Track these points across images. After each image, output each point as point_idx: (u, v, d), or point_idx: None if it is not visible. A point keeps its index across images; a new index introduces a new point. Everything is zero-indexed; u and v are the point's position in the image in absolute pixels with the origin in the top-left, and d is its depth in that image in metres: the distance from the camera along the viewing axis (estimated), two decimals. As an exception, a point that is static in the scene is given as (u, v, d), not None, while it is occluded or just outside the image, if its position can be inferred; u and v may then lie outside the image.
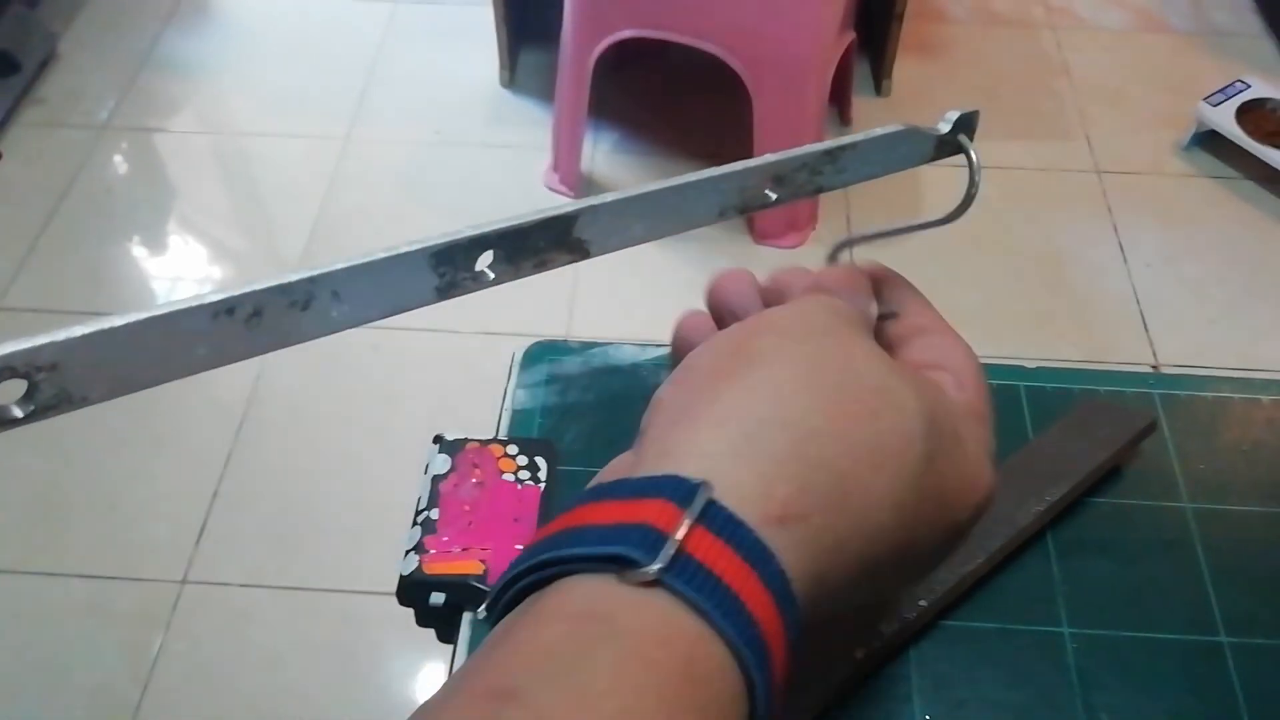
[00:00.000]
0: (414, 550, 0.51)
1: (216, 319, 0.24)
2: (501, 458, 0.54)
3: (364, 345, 1.48)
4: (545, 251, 0.29)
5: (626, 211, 0.30)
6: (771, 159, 0.32)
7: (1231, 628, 0.47)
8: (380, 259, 0.26)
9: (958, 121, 0.35)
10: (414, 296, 0.27)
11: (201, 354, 0.25)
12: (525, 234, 0.28)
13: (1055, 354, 1.48)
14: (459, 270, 0.27)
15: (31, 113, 1.83)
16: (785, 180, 0.33)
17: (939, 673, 0.45)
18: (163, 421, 1.42)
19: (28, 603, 1.25)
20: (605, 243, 0.30)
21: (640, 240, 0.30)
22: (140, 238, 1.66)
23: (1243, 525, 0.51)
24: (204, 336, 0.24)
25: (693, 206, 0.31)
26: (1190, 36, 2.01)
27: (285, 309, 0.25)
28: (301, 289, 0.25)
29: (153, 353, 0.24)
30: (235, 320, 0.25)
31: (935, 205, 1.68)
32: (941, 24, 2.03)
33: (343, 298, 0.26)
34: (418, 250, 0.26)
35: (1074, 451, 0.51)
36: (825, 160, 0.33)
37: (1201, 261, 1.61)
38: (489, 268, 0.28)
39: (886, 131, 0.33)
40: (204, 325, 0.24)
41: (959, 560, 0.47)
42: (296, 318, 0.25)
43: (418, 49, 1.96)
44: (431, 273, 0.27)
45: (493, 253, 0.28)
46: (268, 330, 0.25)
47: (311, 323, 0.25)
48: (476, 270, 0.28)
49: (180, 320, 0.24)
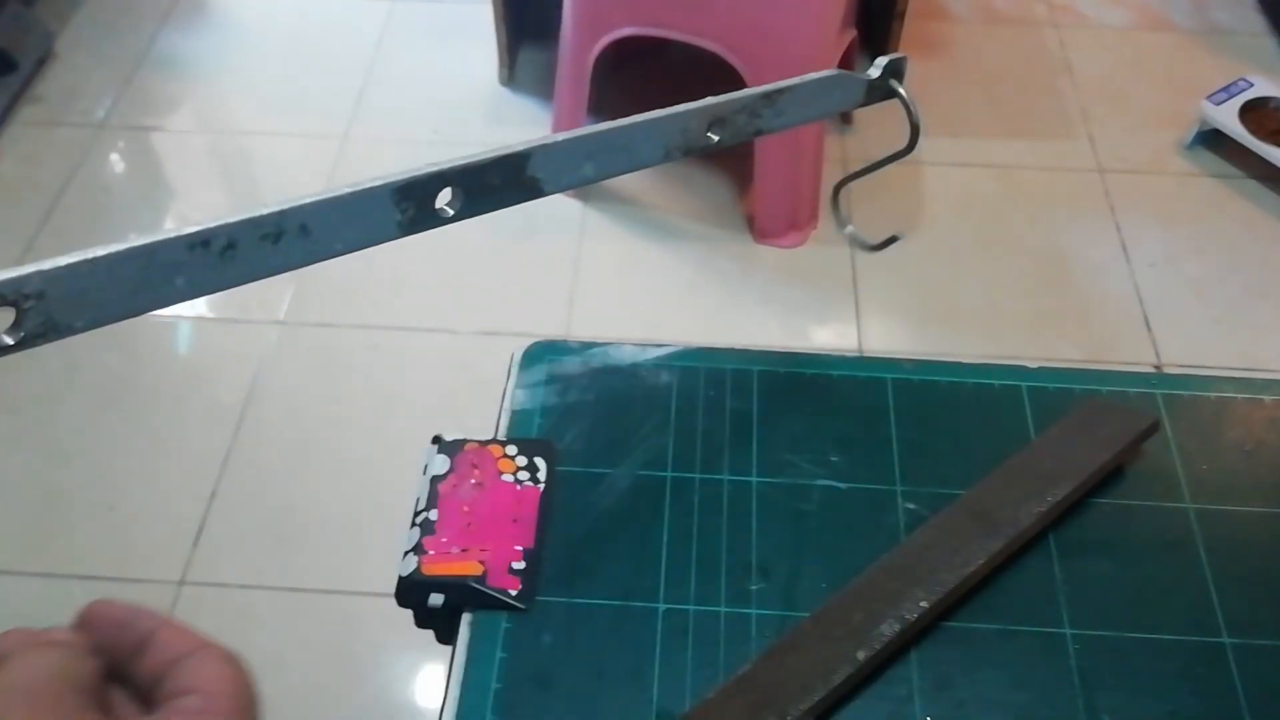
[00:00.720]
0: (413, 551, 0.51)
1: (193, 250, 0.26)
2: (501, 458, 0.54)
3: (364, 345, 1.48)
4: (501, 190, 0.30)
5: (577, 150, 0.31)
6: (712, 101, 0.34)
7: (1233, 629, 0.46)
8: (345, 194, 0.27)
9: (886, 67, 0.37)
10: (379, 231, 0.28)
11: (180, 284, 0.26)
12: (482, 171, 0.30)
13: (1057, 354, 1.48)
14: (420, 206, 0.28)
15: (29, 111, 1.83)
16: (726, 122, 0.35)
17: (941, 673, 0.45)
18: (162, 421, 1.41)
19: (28, 603, 1.24)
20: (558, 180, 0.31)
21: (591, 180, 0.31)
22: (138, 235, 1.66)
23: (1245, 526, 0.50)
24: (181, 267, 0.26)
25: (639, 146, 0.32)
26: (1193, 35, 2.00)
27: (257, 241, 0.26)
28: (271, 222, 0.26)
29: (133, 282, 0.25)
30: (210, 252, 0.26)
31: (935, 206, 1.68)
32: (943, 22, 2.03)
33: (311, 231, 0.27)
34: (381, 185, 0.27)
35: (1076, 452, 0.51)
36: (763, 103, 0.35)
37: (1204, 261, 1.61)
38: (448, 204, 0.29)
39: (819, 76, 0.35)
40: (181, 256, 0.26)
41: (960, 561, 0.47)
42: (268, 250, 0.26)
43: (416, 48, 1.96)
44: (394, 208, 0.28)
45: (451, 190, 0.29)
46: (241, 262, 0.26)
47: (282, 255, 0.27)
48: (437, 207, 0.29)
49: (158, 251, 0.25)
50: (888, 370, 0.58)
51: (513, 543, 0.51)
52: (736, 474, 0.53)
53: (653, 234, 1.63)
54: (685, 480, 0.53)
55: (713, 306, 1.54)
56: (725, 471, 0.53)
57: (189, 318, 1.53)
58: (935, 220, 1.66)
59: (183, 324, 1.53)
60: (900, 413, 0.55)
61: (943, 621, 0.46)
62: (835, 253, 1.61)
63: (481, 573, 0.49)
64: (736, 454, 0.54)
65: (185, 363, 1.50)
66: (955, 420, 0.55)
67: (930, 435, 0.54)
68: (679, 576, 0.50)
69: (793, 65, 1.47)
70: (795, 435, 0.55)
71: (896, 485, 0.52)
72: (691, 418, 0.56)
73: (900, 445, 0.54)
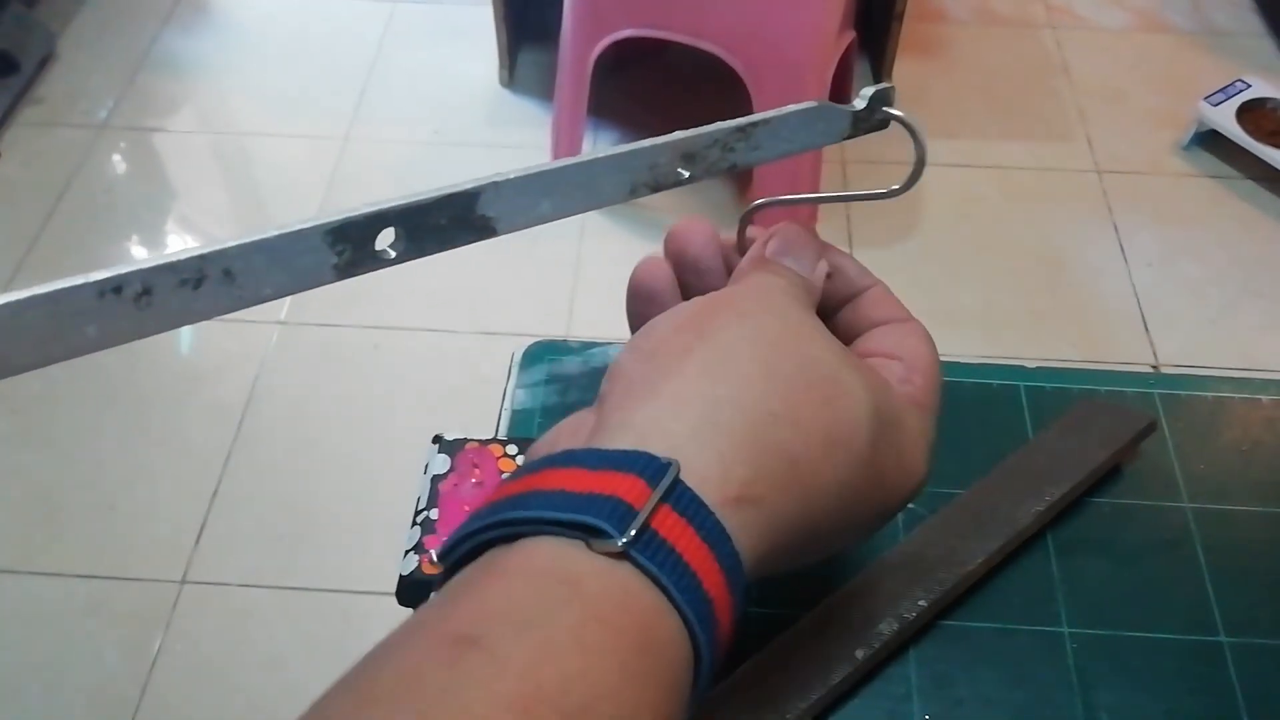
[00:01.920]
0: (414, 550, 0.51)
1: (103, 298, 0.24)
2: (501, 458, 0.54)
3: (364, 345, 1.48)
4: (449, 230, 0.29)
5: (531, 188, 0.29)
6: (681, 135, 0.32)
7: (1231, 628, 0.47)
8: (273, 236, 0.25)
9: (873, 98, 0.35)
10: (311, 275, 0.26)
11: (91, 334, 0.24)
12: (425, 211, 0.28)
13: (1055, 353, 1.48)
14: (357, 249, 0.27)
15: (30, 112, 1.83)
16: (697, 158, 0.32)
17: (939, 672, 0.45)
18: (163, 421, 1.42)
19: (28, 603, 1.24)
20: (512, 220, 0.29)
21: (549, 218, 0.30)
22: (139, 237, 1.66)
23: (1243, 525, 0.51)
24: (92, 316, 0.24)
25: (601, 184, 0.31)
26: (1190, 36, 2.01)
27: (175, 287, 0.24)
28: (191, 266, 0.24)
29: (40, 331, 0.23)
30: (123, 299, 0.24)
31: (935, 208, 1.68)
32: (941, 24, 2.03)
33: (235, 276, 0.25)
34: (312, 228, 0.26)
35: (1074, 451, 0.51)
36: (738, 137, 0.32)
37: (1202, 261, 1.61)
38: (390, 246, 0.28)
39: (800, 108, 0.33)
40: (90, 304, 0.23)
41: (959, 560, 0.47)
42: (188, 296, 0.25)
43: (417, 49, 1.96)
44: (329, 250, 0.26)
45: (394, 230, 0.28)
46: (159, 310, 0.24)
47: (205, 302, 0.25)
48: (377, 249, 0.27)
49: (64, 299, 0.23)
50: (886, 370, 0.58)
51: (513, 542, 0.51)
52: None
53: (653, 234, 1.63)
54: (685, 480, 0.53)
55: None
56: (725, 471, 0.53)
57: (189, 318, 1.54)
58: (933, 221, 1.67)
59: (183, 324, 1.53)
60: (899, 413, 0.56)
61: (941, 620, 0.47)
62: (835, 253, 1.61)
63: (482, 572, 0.49)
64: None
65: (186, 363, 1.50)
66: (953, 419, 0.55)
67: (929, 435, 0.55)
68: (679, 575, 0.50)
69: (791, 67, 1.48)
70: (794, 435, 0.55)
71: (895, 485, 0.53)
72: (691, 418, 0.56)
73: (899, 445, 0.54)
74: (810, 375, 0.28)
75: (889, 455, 0.30)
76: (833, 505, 0.28)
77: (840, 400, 0.28)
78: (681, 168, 0.32)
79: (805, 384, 0.28)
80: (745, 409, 0.27)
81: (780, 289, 0.32)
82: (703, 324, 0.30)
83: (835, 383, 0.29)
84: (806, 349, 0.29)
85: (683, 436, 0.26)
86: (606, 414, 0.28)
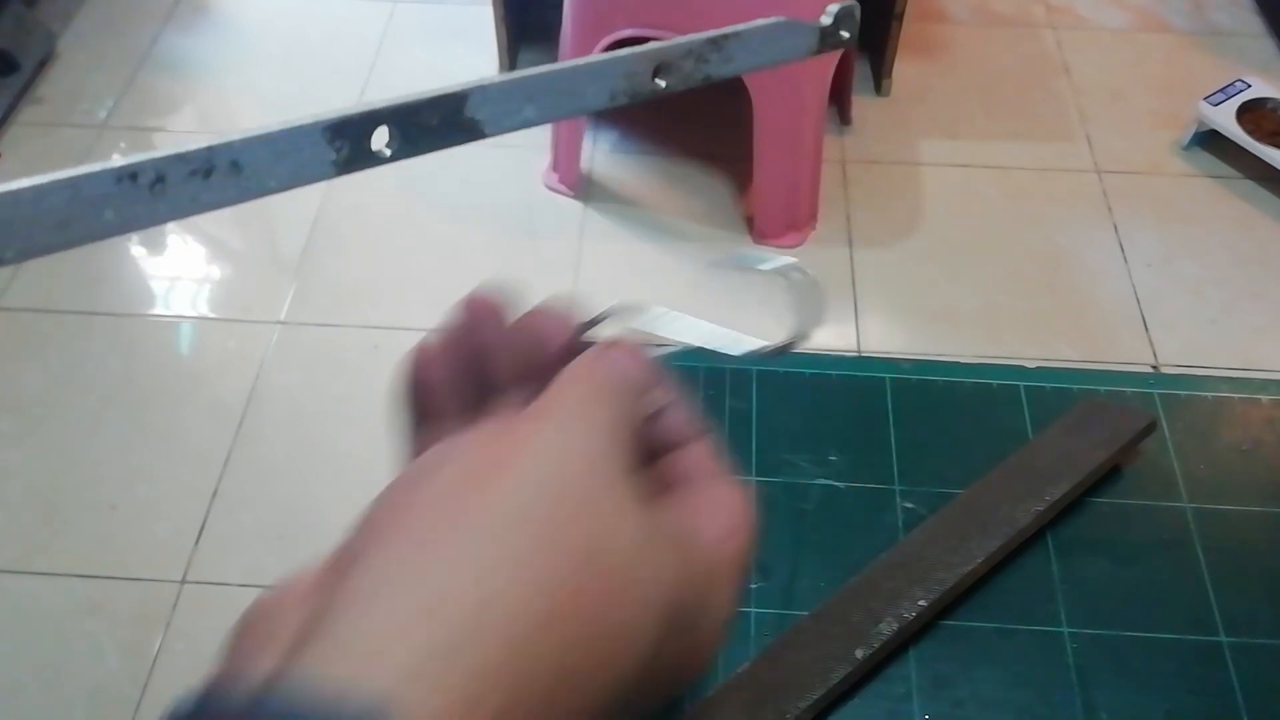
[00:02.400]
0: (413, 550, 0.51)
1: (120, 183, 0.26)
2: (501, 457, 0.54)
3: (364, 345, 1.48)
4: (439, 131, 0.30)
5: (516, 91, 0.31)
6: (656, 46, 0.34)
7: (1231, 628, 0.47)
8: (276, 130, 0.27)
9: (838, 14, 0.37)
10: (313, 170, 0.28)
11: (109, 218, 0.26)
12: (417, 110, 0.30)
13: (1055, 354, 1.48)
14: (355, 146, 0.28)
15: (30, 112, 1.83)
16: (672, 68, 0.34)
17: (938, 672, 0.45)
18: (163, 421, 1.42)
19: (28, 603, 1.25)
20: (499, 122, 0.31)
21: (534, 122, 0.31)
22: (139, 237, 1.66)
23: (1242, 525, 0.51)
24: (109, 200, 0.26)
25: (582, 89, 0.32)
26: (1190, 36, 2.01)
27: (186, 177, 0.26)
28: (201, 157, 0.26)
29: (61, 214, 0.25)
30: (139, 186, 0.26)
31: (934, 206, 1.68)
32: (941, 24, 2.03)
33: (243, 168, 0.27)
34: (311, 124, 0.27)
35: (1073, 451, 0.51)
36: (711, 48, 0.34)
37: (1202, 261, 1.61)
38: (385, 145, 0.29)
39: (769, 22, 0.35)
40: (108, 189, 0.25)
41: (959, 560, 0.47)
42: (199, 186, 0.26)
43: (417, 49, 1.96)
44: (328, 147, 0.28)
45: (388, 130, 0.29)
46: (172, 197, 0.26)
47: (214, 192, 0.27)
48: (373, 148, 0.29)
49: (84, 184, 0.25)
50: (886, 370, 0.58)
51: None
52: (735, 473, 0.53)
53: (652, 234, 1.63)
54: (685, 480, 0.53)
55: (712, 306, 1.54)
56: (725, 471, 0.53)
57: (191, 318, 1.54)
58: (933, 221, 1.67)
59: (184, 324, 1.53)
60: (899, 412, 0.56)
61: (941, 620, 0.47)
62: (834, 253, 1.61)
63: (482, 571, 0.49)
64: (735, 453, 0.54)
65: (187, 362, 1.50)
66: (953, 420, 0.55)
67: (928, 435, 0.55)
68: (679, 575, 0.50)
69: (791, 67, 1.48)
70: (794, 435, 0.55)
71: (895, 484, 0.53)
72: (691, 418, 0.56)
73: (899, 445, 0.54)
74: (601, 563, 0.24)
75: (679, 649, 0.26)
76: (600, 710, 0.24)
77: (630, 598, 0.24)
78: (659, 78, 0.34)
79: (592, 574, 0.24)
80: (513, 615, 0.22)
81: (597, 425, 0.27)
82: (485, 481, 0.25)
83: (628, 572, 0.24)
84: (605, 524, 0.25)
85: (421, 662, 0.21)
86: (334, 607, 0.23)
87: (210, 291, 1.58)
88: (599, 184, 1.72)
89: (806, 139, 1.56)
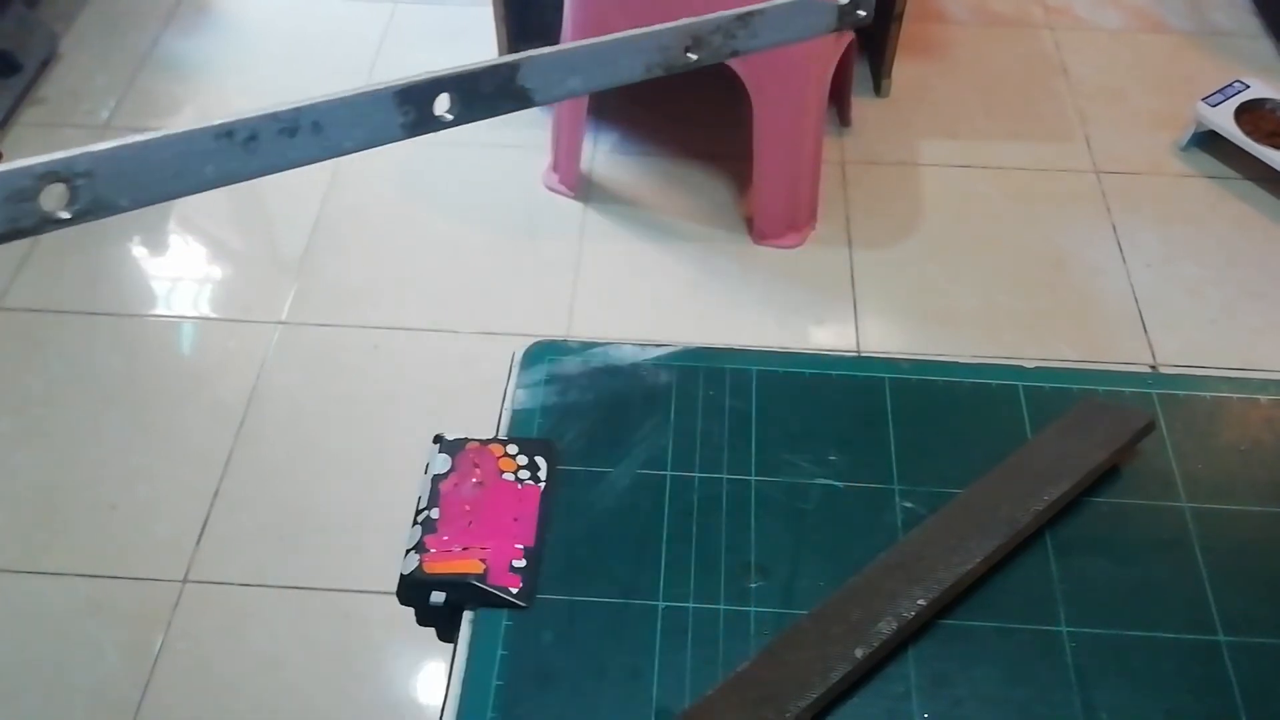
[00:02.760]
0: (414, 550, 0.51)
1: (219, 140, 0.28)
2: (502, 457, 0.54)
3: (364, 345, 1.48)
4: (494, 98, 0.33)
5: (562, 63, 0.33)
6: (688, 21, 0.36)
7: (1229, 627, 0.47)
8: (353, 94, 0.30)
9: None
10: (384, 132, 0.31)
11: (209, 172, 0.28)
12: (475, 78, 0.32)
13: (1054, 354, 1.48)
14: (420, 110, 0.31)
15: (32, 113, 1.83)
16: (703, 42, 0.37)
17: (938, 671, 0.45)
18: (165, 421, 1.42)
19: (28, 603, 1.25)
20: (547, 91, 0.33)
21: (578, 91, 0.34)
22: (140, 238, 1.66)
23: (1241, 525, 0.51)
24: (209, 156, 0.28)
25: (621, 62, 0.35)
26: (1189, 37, 2.01)
27: (276, 135, 0.29)
28: (289, 117, 0.30)
29: (169, 167, 0.28)
30: (235, 142, 0.29)
31: (933, 207, 1.68)
32: (941, 24, 2.03)
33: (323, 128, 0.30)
34: (384, 88, 0.30)
35: (1072, 451, 0.51)
36: (738, 24, 0.37)
37: (1200, 261, 1.62)
38: (447, 110, 0.32)
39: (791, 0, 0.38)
40: (209, 145, 0.28)
41: (958, 560, 0.47)
42: (285, 144, 0.29)
43: (418, 50, 1.96)
44: (397, 110, 0.31)
45: (449, 96, 0.32)
46: (263, 153, 0.29)
47: (298, 149, 0.30)
48: (436, 113, 0.32)
49: (188, 140, 0.28)
50: (886, 370, 0.58)
51: (513, 541, 0.51)
52: (735, 473, 0.53)
53: (653, 234, 1.64)
54: (684, 479, 0.54)
55: (712, 307, 1.54)
56: (724, 471, 0.54)
57: (191, 318, 1.54)
58: (933, 221, 1.67)
59: (185, 324, 1.53)
60: (898, 412, 0.56)
61: (940, 619, 0.47)
62: (834, 253, 1.61)
63: (483, 571, 0.50)
64: (735, 453, 0.54)
65: (188, 362, 1.51)
66: (953, 420, 0.55)
67: (928, 434, 0.55)
68: (678, 575, 0.50)
69: (790, 67, 1.48)
70: (794, 435, 0.55)
71: (894, 484, 0.53)
72: (691, 417, 0.56)
73: (898, 444, 0.54)
74: None
75: None
76: None
77: None
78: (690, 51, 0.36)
79: None
80: None
81: None
82: None
83: None
84: None
85: None
86: None
87: (211, 292, 1.58)
88: (599, 184, 1.72)
89: (806, 139, 1.56)
